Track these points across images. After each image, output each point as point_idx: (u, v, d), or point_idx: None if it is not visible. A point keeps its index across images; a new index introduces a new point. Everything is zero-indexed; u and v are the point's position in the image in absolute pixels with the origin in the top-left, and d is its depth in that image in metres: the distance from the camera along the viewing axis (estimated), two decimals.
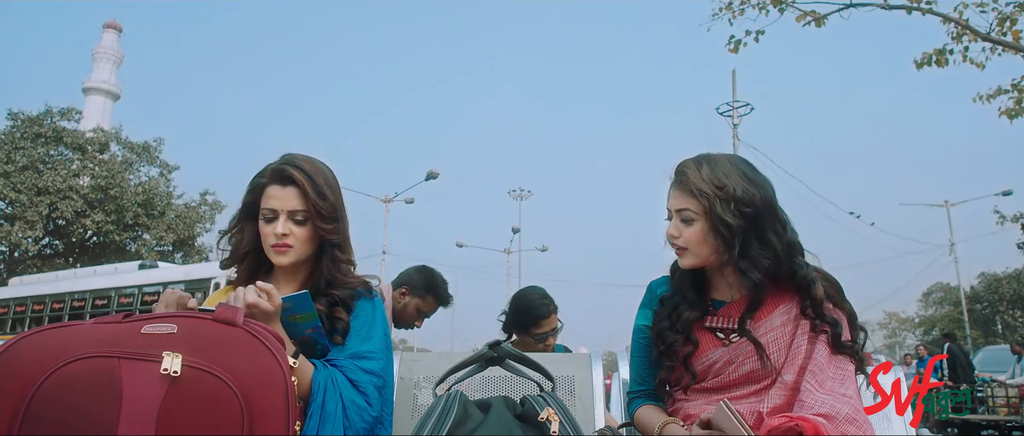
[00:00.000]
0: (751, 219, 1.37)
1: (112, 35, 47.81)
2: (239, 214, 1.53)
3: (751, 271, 1.37)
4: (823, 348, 1.35)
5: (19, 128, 20.53)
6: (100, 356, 1.06)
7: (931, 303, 38.19)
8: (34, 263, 20.31)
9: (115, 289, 13.04)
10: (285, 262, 1.47)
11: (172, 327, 1.11)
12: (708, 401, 1.40)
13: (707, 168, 1.40)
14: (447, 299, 3.04)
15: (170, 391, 1.04)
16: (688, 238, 1.42)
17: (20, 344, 1.09)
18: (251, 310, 1.27)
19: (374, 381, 1.40)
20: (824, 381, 1.31)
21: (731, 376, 1.40)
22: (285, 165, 1.48)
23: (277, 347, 1.14)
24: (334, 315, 1.45)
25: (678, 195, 1.43)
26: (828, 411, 1.25)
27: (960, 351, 11.13)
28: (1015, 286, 28.50)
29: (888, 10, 8.75)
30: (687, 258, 1.44)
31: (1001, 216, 20.79)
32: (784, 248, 1.38)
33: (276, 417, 1.09)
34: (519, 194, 31.80)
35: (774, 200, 1.41)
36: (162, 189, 22.00)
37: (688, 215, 1.41)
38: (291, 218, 1.45)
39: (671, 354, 1.45)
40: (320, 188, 1.46)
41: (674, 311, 1.48)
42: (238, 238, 1.52)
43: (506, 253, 30.68)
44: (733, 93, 18.08)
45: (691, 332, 1.45)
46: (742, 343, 1.40)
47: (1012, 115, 8.57)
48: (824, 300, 1.38)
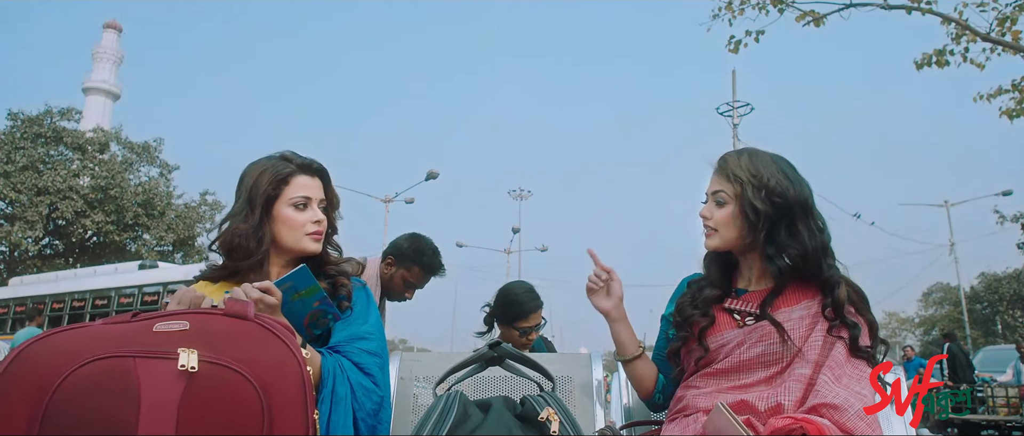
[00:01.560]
0: (781, 209, 1.43)
1: (112, 35, 47.81)
2: (247, 203, 1.47)
3: (777, 257, 1.43)
4: (841, 348, 1.37)
5: (19, 128, 20.53)
6: (115, 356, 1.05)
7: (931, 303, 38.21)
8: (34, 263, 20.32)
9: (115, 289, 13.04)
10: (318, 250, 1.53)
11: (184, 324, 1.11)
12: (718, 388, 1.42)
13: (747, 158, 1.49)
14: (436, 268, 2.85)
15: (188, 388, 1.03)
16: (717, 219, 1.49)
17: (34, 347, 1.08)
18: (257, 305, 1.28)
19: (377, 361, 1.46)
20: (841, 376, 1.33)
21: (742, 357, 1.42)
22: (307, 159, 1.55)
23: (290, 338, 1.14)
24: (337, 284, 1.53)
25: (716, 179, 1.52)
26: (841, 403, 1.26)
27: (960, 351, 11.14)
28: (1015, 286, 28.51)
29: (888, 10, 8.75)
30: (713, 239, 1.51)
31: (1001, 216, 20.80)
32: (815, 246, 1.43)
33: (295, 407, 1.09)
34: (519, 194, 31.83)
35: (810, 200, 1.47)
36: (162, 189, 22.00)
37: (722, 197, 1.49)
38: (319, 207, 1.54)
39: (687, 325, 1.51)
40: (332, 182, 1.59)
41: (698, 291, 1.54)
42: (248, 233, 1.45)
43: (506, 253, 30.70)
44: (733, 93, 18.12)
45: (709, 308, 1.49)
46: (757, 327, 1.43)
47: (1013, 115, 8.57)
48: (845, 303, 1.41)
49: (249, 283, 1.34)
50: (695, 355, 1.49)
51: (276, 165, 1.51)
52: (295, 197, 1.49)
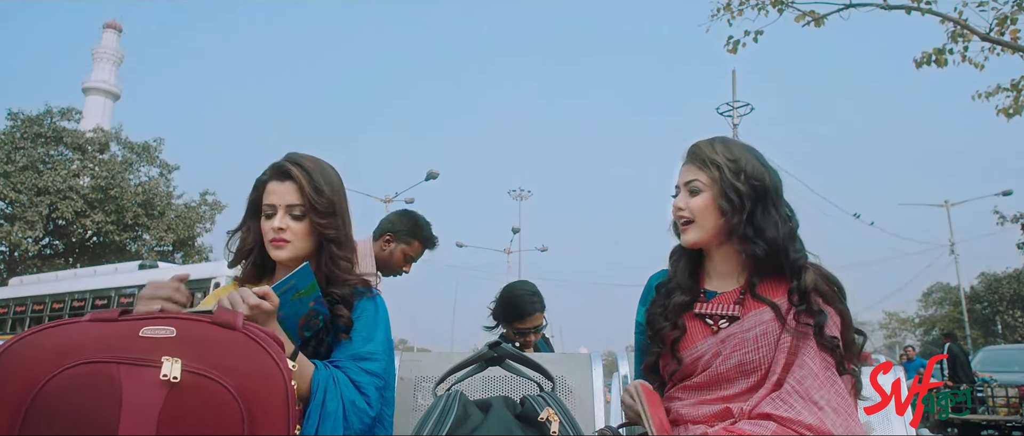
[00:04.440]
0: (759, 192, 1.40)
1: (112, 35, 47.81)
2: (246, 213, 1.55)
3: (756, 239, 1.38)
4: (811, 344, 1.33)
5: (19, 128, 20.50)
6: (100, 361, 1.05)
7: (931, 303, 38.18)
8: (34, 263, 20.31)
9: (115, 289, 13.03)
10: (283, 256, 1.47)
11: (171, 330, 1.11)
12: (701, 400, 1.39)
13: (721, 144, 1.45)
14: (433, 240, 2.91)
15: (170, 396, 1.04)
16: (694, 208, 1.43)
17: (19, 345, 1.08)
18: (253, 311, 1.26)
19: (375, 382, 1.41)
20: (803, 379, 1.30)
21: (720, 369, 1.38)
22: (284, 161, 1.50)
23: (277, 350, 1.14)
24: (336, 313, 1.45)
25: (688, 168, 1.46)
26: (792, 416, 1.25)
27: (960, 351, 11.13)
28: (1015, 286, 28.49)
29: (888, 10, 8.75)
30: (691, 232, 1.45)
31: (1001, 216, 20.81)
32: (785, 232, 1.40)
33: (276, 421, 1.09)
34: (519, 194, 31.82)
35: (781, 189, 1.44)
36: (162, 189, 21.96)
37: (696, 186, 1.43)
38: (288, 213, 1.46)
39: (659, 340, 1.46)
40: (317, 183, 1.47)
41: (667, 297, 1.48)
42: (244, 236, 1.54)
43: (506, 253, 30.70)
44: (733, 93, 18.12)
45: (680, 318, 1.45)
46: (730, 335, 1.39)
47: (1010, 114, 8.57)
48: (812, 290, 1.36)
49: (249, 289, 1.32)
50: (671, 368, 1.45)
51: (263, 173, 1.52)
52: (264, 205, 1.48)
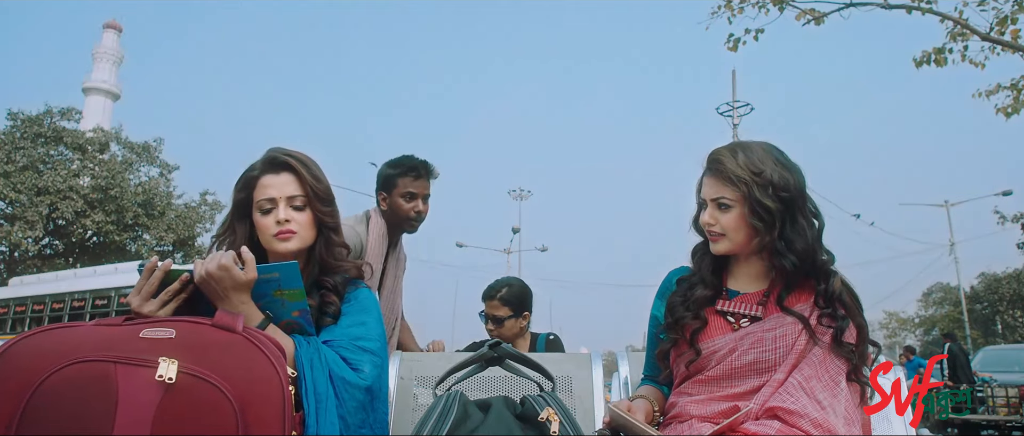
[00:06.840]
0: (787, 203, 1.39)
1: (112, 35, 47.77)
2: (229, 215, 1.49)
3: (787, 253, 1.38)
4: (822, 346, 1.35)
5: (19, 128, 20.49)
6: (97, 360, 1.06)
7: (931, 303, 38.17)
8: (34, 263, 20.30)
9: (115, 289, 13.02)
10: (291, 249, 1.43)
11: (170, 332, 1.11)
12: (710, 396, 1.40)
13: (743, 155, 1.42)
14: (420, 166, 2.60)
15: (165, 397, 1.04)
16: (725, 225, 1.43)
17: (19, 346, 1.09)
18: (222, 272, 1.22)
19: (373, 360, 1.36)
20: (809, 378, 1.31)
21: (734, 364, 1.39)
22: (275, 154, 1.46)
23: (276, 355, 1.13)
24: (325, 300, 1.42)
25: (714, 183, 1.44)
26: (797, 408, 1.26)
27: (960, 351, 11.12)
28: (1015, 286, 28.46)
29: (888, 9, 8.74)
30: (722, 244, 1.45)
31: (1001, 216, 20.78)
32: (815, 233, 1.40)
33: (272, 426, 1.09)
34: (519, 194, 31.78)
35: (805, 187, 1.43)
36: (162, 189, 21.96)
37: (725, 202, 1.42)
38: (290, 204, 1.43)
39: (678, 327, 1.46)
40: (314, 171, 1.46)
41: (689, 289, 1.49)
42: (230, 239, 1.47)
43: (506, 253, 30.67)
44: (733, 93, 18.13)
45: (701, 310, 1.45)
46: (749, 333, 1.40)
47: (1009, 113, 8.57)
48: (838, 295, 1.38)
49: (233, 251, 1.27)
50: (686, 358, 1.45)
51: (248, 169, 1.47)
52: (261, 200, 1.43)
